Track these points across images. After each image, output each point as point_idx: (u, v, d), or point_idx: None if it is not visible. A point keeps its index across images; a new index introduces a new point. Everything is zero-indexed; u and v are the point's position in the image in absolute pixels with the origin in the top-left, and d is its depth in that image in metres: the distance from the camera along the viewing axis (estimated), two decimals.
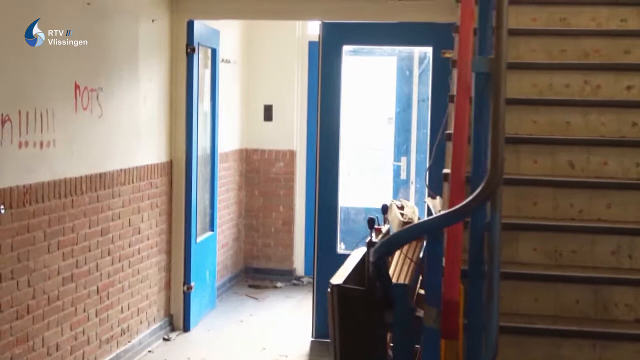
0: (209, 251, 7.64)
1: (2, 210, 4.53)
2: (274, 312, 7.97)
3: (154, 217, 6.59)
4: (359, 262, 4.17)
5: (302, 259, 9.21)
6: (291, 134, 9.11)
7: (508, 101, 3.41)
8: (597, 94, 4.70)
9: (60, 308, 5.23)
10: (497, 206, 3.09)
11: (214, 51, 7.63)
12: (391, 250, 3.61)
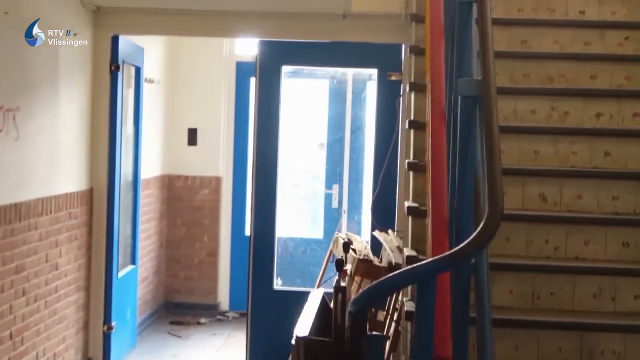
0: (130, 287, 7.03)
1: None
2: (200, 351, 7.39)
3: (72, 251, 5.97)
4: (319, 308, 3.73)
5: (227, 292, 8.68)
6: (217, 159, 8.59)
7: None
8: (565, 121, 4.50)
9: None
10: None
11: (137, 70, 7.06)
12: (376, 301, 3.18)
